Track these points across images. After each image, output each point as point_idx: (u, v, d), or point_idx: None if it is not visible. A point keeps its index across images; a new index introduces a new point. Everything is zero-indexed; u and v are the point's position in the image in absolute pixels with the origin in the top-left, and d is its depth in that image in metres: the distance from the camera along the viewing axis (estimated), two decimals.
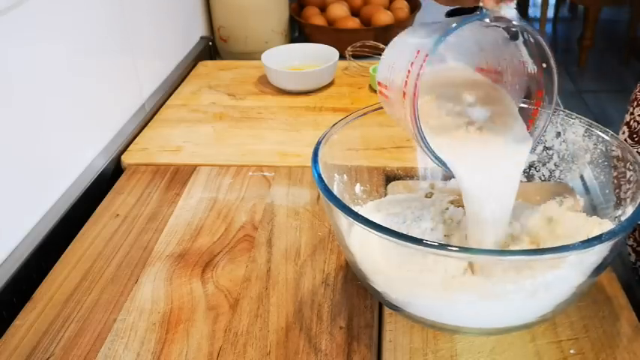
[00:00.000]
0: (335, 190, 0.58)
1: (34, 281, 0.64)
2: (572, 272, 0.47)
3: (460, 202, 0.60)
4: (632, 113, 0.72)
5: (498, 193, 0.52)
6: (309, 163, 0.54)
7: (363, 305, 0.59)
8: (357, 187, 0.64)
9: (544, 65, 0.49)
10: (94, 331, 0.57)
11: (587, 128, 0.59)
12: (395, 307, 0.54)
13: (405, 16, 1.29)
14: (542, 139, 0.63)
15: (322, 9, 1.32)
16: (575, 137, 0.60)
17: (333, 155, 0.59)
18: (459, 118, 0.54)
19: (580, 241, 0.44)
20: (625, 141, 0.73)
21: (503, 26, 0.49)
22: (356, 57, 1.12)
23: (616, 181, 0.55)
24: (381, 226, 0.46)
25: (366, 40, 1.14)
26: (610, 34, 3.50)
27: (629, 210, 0.52)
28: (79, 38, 0.80)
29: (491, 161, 0.53)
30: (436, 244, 0.45)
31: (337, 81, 1.08)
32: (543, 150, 0.63)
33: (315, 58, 1.09)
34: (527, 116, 0.55)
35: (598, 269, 0.48)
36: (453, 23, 0.46)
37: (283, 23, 1.30)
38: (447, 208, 0.60)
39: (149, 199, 0.77)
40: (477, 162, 0.53)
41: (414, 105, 0.47)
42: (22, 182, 0.69)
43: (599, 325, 0.56)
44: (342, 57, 1.09)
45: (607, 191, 0.57)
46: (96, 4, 0.84)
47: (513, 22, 0.47)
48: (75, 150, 0.80)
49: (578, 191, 0.61)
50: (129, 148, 0.88)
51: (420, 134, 0.49)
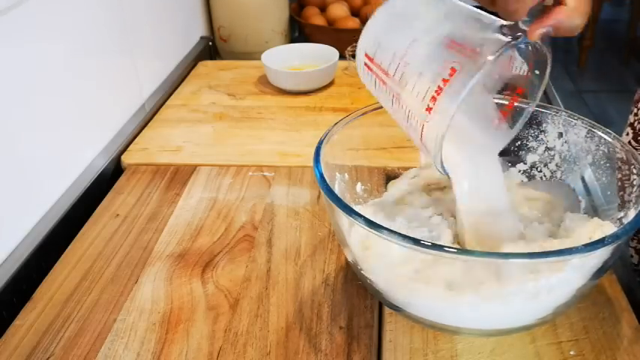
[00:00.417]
0: (336, 189, 0.58)
1: (34, 281, 0.64)
2: (574, 275, 0.47)
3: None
4: (637, 114, 0.72)
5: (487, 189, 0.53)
6: (310, 163, 0.54)
7: (363, 305, 0.59)
8: (358, 187, 0.64)
9: (536, 72, 0.49)
10: (94, 331, 0.57)
11: (589, 129, 0.59)
12: (395, 307, 0.53)
13: None
14: (544, 139, 0.63)
15: (322, 9, 1.32)
16: (577, 138, 0.60)
17: (334, 155, 0.59)
18: None
19: (583, 245, 0.44)
20: (629, 143, 0.72)
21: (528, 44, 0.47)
22: (356, 57, 1.12)
23: (620, 183, 0.55)
24: (381, 226, 0.46)
25: None
26: (610, 34, 3.50)
27: (632, 213, 0.52)
28: (79, 38, 0.80)
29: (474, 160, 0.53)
30: (436, 246, 0.45)
31: (337, 81, 1.08)
32: (545, 150, 0.63)
33: (315, 58, 1.09)
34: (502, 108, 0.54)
35: (600, 272, 0.48)
36: (494, 45, 0.44)
37: (283, 23, 1.29)
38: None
39: (149, 199, 0.77)
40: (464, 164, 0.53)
41: (445, 128, 0.45)
42: (22, 182, 0.69)
43: (600, 326, 0.56)
44: (342, 57, 1.09)
45: (608, 193, 0.57)
46: (96, 4, 0.84)
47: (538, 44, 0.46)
48: (75, 150, 0.80)
49: (580, 192, 0.61)
50: (129, 148, 0.88)
51: (437, 154, 0.47)
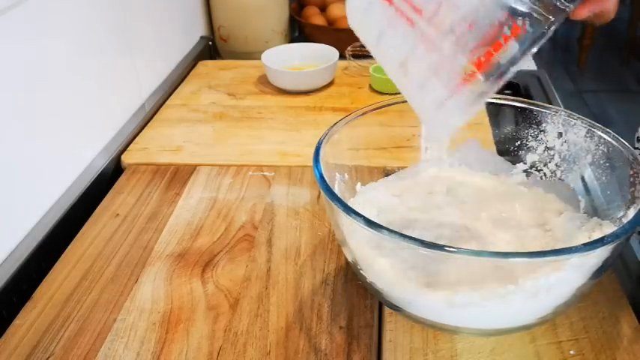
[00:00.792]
0: (336, 189, 0.58)
1: (34, 281, 0.64)
2: (573, 274, 0.47)
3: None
4: None
5: None
6: (309, 163, 0.54)
7: (363, 305, 0.59)
8: (358, 186, 0.64)
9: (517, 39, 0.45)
10: (94, 330, 0.57)
11: (588, 129, 0.59)
12: (395, 307, 0.53)
13: None
14: (543, 139, 0.63)
15: (322, 9, 1.32)
16: (576, 138, 0.60)
17: (334, 155, 0.59)
18: None
19: (582, 244, 0.44)
20: None
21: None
22: (356, 57, 1.12)
23: (632, 179, 0.54)
24: (381, 225, 0.46)
25: None
26: (610, 34, 3.50)
27: (631, 212, 0.52)
28: (79, 38, 0.80)
29: None
30: (436, 245, 0.45)
31: (337, 81, 1.08)
32: (545, 150, 0.63)
33: (315, 58, 1.09)
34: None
35: (599, 271, 0.48)
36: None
37: (283, 23, 1.29)
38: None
39: (149, 198, 0.77)
40: None
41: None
42: (22, 182, 0.69)
43: (599, 326, 0.56)
44: (342, 57, 1.09)
45: (608, 192, 0.57)
46: (95, 4, 0.84)
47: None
48: (75, 149, 0.80)
49: (579, 192, 0.61)
50: (129, 148, 0.88)
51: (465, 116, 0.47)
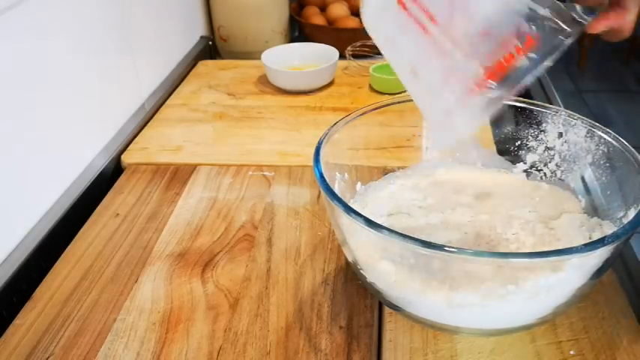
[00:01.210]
0: (336, 189, 0.58)
1: (33, 281, 0.64)
2: (573, 274, 0.47)
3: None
4: None
5: None
6: (309, 163, 0.54)
7: (363, 305, 0.59)
8: (358, 186, 0.64)
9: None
10: (94, 330, 0.57)
11: (589, 129, 0.59)
12: (395, 307, 0.53)
13: None
14: (544, 139, 0.63)
15: (322, 8, 1.32)
16: (577, 138, 0.60)
17: (334, 155, 0.59)
18: None
19: (583, 244, 0.43)
20: None
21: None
22: (356, 57, 1.12)
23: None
24: (381, 225, 0.46)
25: (366, 39, 1.14)
26: None
27: (632, 212, 0.52)
28: (79, 37, 0.80)
29: None
30: (436, 245, 0.45)
31: (337, 81, 1.08)
32: (545, 150, 0.63)
33: (315, 58, 1.09)
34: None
35: (600, 271, 0.48)
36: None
37: (283, 23, 1.29)
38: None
39: (149, 198, 0.77)
40: None
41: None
42: (22, 181, 0.68)
43: (599, 326, 0.56)
44: (342, 57, 1.09)
45: (608, 192, 0.57)
46: (95, 3, 0.84)
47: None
48: (75, 149, 0.80)
49: (579, 192, 0.61)
50: (129, 148, 0.88)
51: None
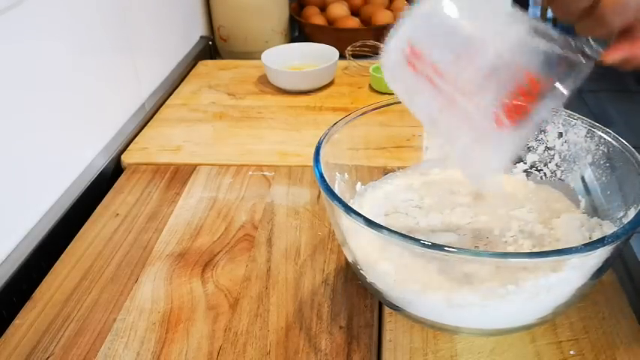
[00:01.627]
0: (336, 189, 0.58)
1: (33, 281, 0.64)
2: (573, 274, 0.47)
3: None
4: None
5: None
6: (309, 163, 0.54)
7: (363, 305, 0.59)
8: (358, 186, 0.64)
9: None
10: (94, 330, 0.57)
11: (589, 129, 0.59)
12: (395, 307, 0.53)
13: None
14: (543, 139, 0.63)
15: (322, 8, 1.32)
16: (576, 138, 0.60)
17: (334, 154, 0.59)
18: None
19: (583, 244, 0.43)
20: None
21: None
22: (356, 57, 1.12)
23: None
24: (381, 225, 0.46)
25: (366, 39, 1.14)
26: None
27: (632, 212, 0.52)
28: (79, 38, 0.80)
29: None
30: (436, 245, 0.45)
31: (337, 81, 1.08)
32: (545, 150, 0.63)
33: (315, 58, 1.09)
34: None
35: (599, 271, 0.48)
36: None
37: (283, 23, 1.29)
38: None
39: (149, 198, 0.77)
40: None
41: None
42: (22, 182, 0.68)
43: (599, 326, 0.56)
44: (342, 57, 1.09)
45: (608, 192, 0.57)
46: (95, 3, 0.84)
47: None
48: (75, 149, 0.80)
49: (579, 192, 0.61)
50: (129, 148, 0.88)
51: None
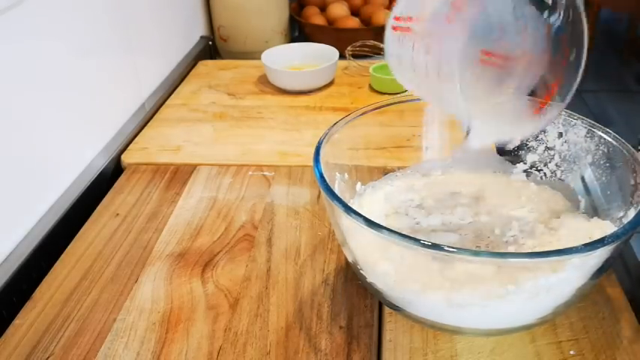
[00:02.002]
0: (336, 189, 0.58)
1: (33, 281, 0.64)
2: (573, 274, 0.47)
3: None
4: None
5: None
6: (309, 163, 0.54)
7: (363, 305, 0.59)
8: (358, 186, 0.64)
9: (571, 56, 0.49)
10: (94, 330, 0.57)
11: (589, 129, 0.59)
12: (395, 307, 0.53)
13: None
14: (544, 139, 0.63)
15: (322, 8, 1.32)
16: (576, 138, 0.60)
17: (334, 155, 0.59)
18: None
19: (583, 244, 0.43)
20: None
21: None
22: (356, 56, 1.12)
23: (634, 181, 0.53)
24: (381, 225, 0.46)
25: (366, 39, 1.14)
26: (610, 34, 3.50)
27: (632, 212, 0.52)
28: (79, 37, 0.80)
29: None
30: (436, 245, 0.45)
31: (337, 81, 1.08)
32: (545, 150, 0.63)
33: (315, 58, 1.09)
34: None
35: (600, 271, 0.48)
36: None
37: (283, 23, 1.29)
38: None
39: (149, 198, 0.77)
40: None
41: None
42: (22, 181, 0.68)
43: (599, 326, 0.56)
44: (342, 57, 1.09)
45: (608, 193, 0.57)
46: (96, 3, 0.84)
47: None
48: (75, 149, 0.80)
49: (579, 192, 0.61)
50: (129, 148, 0.88)
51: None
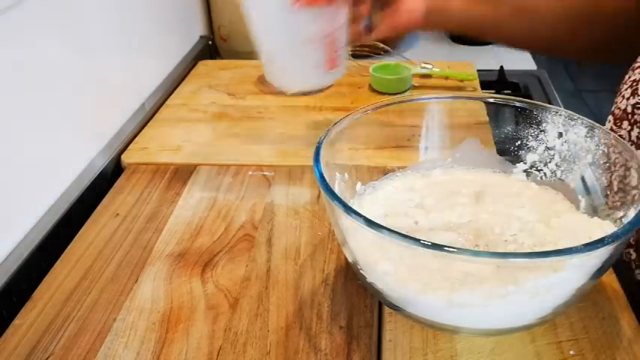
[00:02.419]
0: (336, 189, 0.58)
1: (33, 280, 0.64)
2: (574, 274, 0.47)
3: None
4: (616, 102, 0.70)
5: None
6: (310, 163, 0.54)
7: (363, 305, 0.59)
8: (358, 186, 0.64)
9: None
10: (94, 330, 0.57)
11: (589, 129, 0.59)
12: (395, 307, 0.53)
13: None
14: (543, 139, 0.63)
15: None
16: (577, 138, 0.60)
17: (334, 155, 0.59)
18: None
19: (583, 244, 0.43)
20: (611, 129, 0.71)
21: None
22: (356, 57, 1.12)
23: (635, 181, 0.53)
24: (381, 225, 0.46)
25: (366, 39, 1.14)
26: None
27: (632, 212, 0.52)
28: (79, 37, 0.80)
29: None
30: (436, 245, 0.45)
31: (337, 81, 1.07)
32: (545, 150, 0.63)
33: None
34: None
35: (600, 271, 0.48)
36: None
37: None
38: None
39: (149, 198, 0.77)
40: None
41: None
42: (22, 181, 0.68)
43: (599, 326, 0.56)
44: None
45: (608, 192, 0.57)
46: (95, 3, 0.84)
47: None
48: (75, 149, 0.80)
49: (579, 192, 0.61)
50: (129, 148, 0.88)
51: None
